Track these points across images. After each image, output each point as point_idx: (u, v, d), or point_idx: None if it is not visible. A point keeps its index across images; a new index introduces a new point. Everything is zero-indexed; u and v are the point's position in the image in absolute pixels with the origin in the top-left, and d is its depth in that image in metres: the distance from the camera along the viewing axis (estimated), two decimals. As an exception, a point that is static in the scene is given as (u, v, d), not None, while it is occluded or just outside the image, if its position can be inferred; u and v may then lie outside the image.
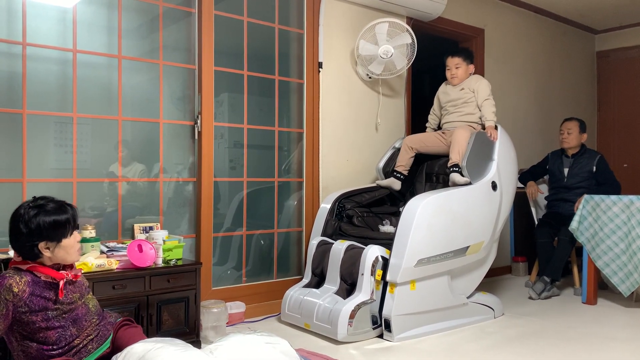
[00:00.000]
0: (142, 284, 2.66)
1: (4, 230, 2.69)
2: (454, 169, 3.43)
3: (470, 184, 3.37)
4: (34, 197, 2.05)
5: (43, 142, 2.86)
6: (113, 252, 2.82)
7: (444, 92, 3.91)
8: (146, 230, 3.06)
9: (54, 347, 1.98)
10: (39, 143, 2.83)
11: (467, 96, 3.75)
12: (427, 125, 4.08)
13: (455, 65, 3.79)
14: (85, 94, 2.97)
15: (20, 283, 1.91)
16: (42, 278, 1.97)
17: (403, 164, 3.77)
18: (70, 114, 2.92)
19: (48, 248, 1.97)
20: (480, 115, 3.71)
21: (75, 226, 2.04)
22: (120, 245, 2.91)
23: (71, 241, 2.02)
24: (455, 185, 3.37)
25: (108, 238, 3.02)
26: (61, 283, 1.99)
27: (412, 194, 3.68)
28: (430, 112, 4.05)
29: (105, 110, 3.06)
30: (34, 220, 1.94)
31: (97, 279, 2.52)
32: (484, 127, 3.68)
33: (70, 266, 2.08)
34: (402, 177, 3.75)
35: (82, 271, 2.25)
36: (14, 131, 2.76)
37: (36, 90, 2.81)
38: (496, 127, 3.68)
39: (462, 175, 3.38)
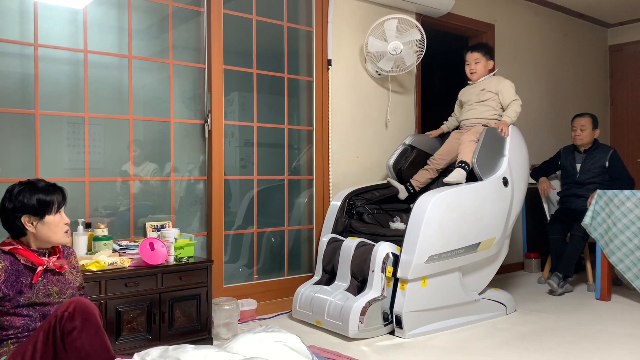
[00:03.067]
0: (154, 281, 2.68)
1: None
2: (461, 164, 3.41)
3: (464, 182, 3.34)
4: (28, 179, 2.08)
5: (55, 142, 2.89)
6: (125, 251, 2.84)
7: (466, 93, 3.87)
8: (158, 228, 3.08)
9: (14, 332, 1.93)
10: (51, 143, 2.87)
11: (487, 96, 3.70)
12: (444, 122, 4.06)
13: (475, 61, 3.75)
14: (97, 94, 3.00)
15: None
16: (22, 261, 1.97)
17: (421, 180, 3.76)
18: (82, 114, 2.95)
19: (32, 223, 1.98)
20: (502, 112, 3.67)
21: (61, 205, 2.04)
22: (133, 243, 2.94)
23: (56, 219, 2.02)
24: (451, 183, 3.31)
25: (120, 236, 3.05)
26: (39, 268, 1.98)
27: (423, 190, 3.68)
28: (452, 114, 4.04)
29: (116, 110, 3.08)
30: (20, 195, 1.98)
31: (110, 277, 2.54)
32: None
33: (58, 256, 2.07)
34: (412, 190, 3.75)
35: (68, 267, 2.14)
36: (27, 131, 2.79)
37: (48, 90, 2.85)
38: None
39: (465, 170, 3.36)
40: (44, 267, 1.99)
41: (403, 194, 3.76)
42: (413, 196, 3.74)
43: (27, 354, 1.83)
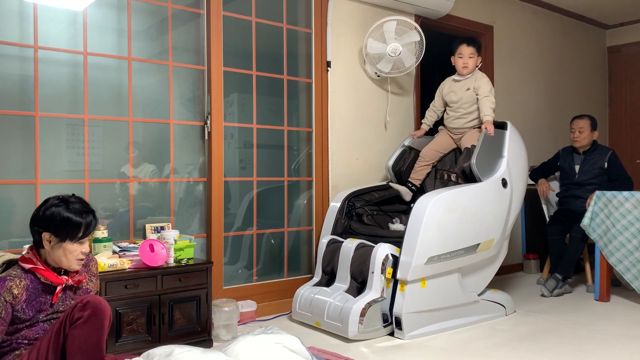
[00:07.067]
0: (154, 283, 2.68)
1: (17, 230, 2.73)
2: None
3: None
4: (73, 194, 2.06)
5: (55, 144, 2.89)
6: (125, 252, 2.84)
7: (450, 91, 3.84)
8: (157, 230, 3.08)
9: (29, 342, 1.95)
10: (51, 145, 2.87)
11: (471, 97, 3.70)
12: (423, 121, 4.04)
13: (470, 55, 3.71)
14: (96, 96, 3.00)
15: (19, 287, 1.91)
16: (42, 280, 1.97)
17: (419, 177, 3.80)
18: (82, 115, 2.95)
19: (49, 241, 1.96)
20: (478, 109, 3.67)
21: (86, 235, 2.00)
22: (132, 245, 2.94)
23: (74, 247, 1.98)
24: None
25: (120, 238, 3.05)
26: (58, 288, 1.99)
27: (422, 192, 3.69)
28: (430, 109, 3.99)
29: (116, 111, 3.09)
30: (52, 210, 1.96)
31: (110, 278, 2.54)
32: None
33: (76, 271, 2.06)
34: (415, 188, 3.79)
35: (87, 278, 2.15)
36: (27, 133, 2.79)
37: (48, 92, 2.85)
38: (505, 124, 3.66)
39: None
40: (63, 285, 2.00)
41: (407, 195, 3.77)
42: (416, 194, 3.77)
43: (43, 344, 1.86)
